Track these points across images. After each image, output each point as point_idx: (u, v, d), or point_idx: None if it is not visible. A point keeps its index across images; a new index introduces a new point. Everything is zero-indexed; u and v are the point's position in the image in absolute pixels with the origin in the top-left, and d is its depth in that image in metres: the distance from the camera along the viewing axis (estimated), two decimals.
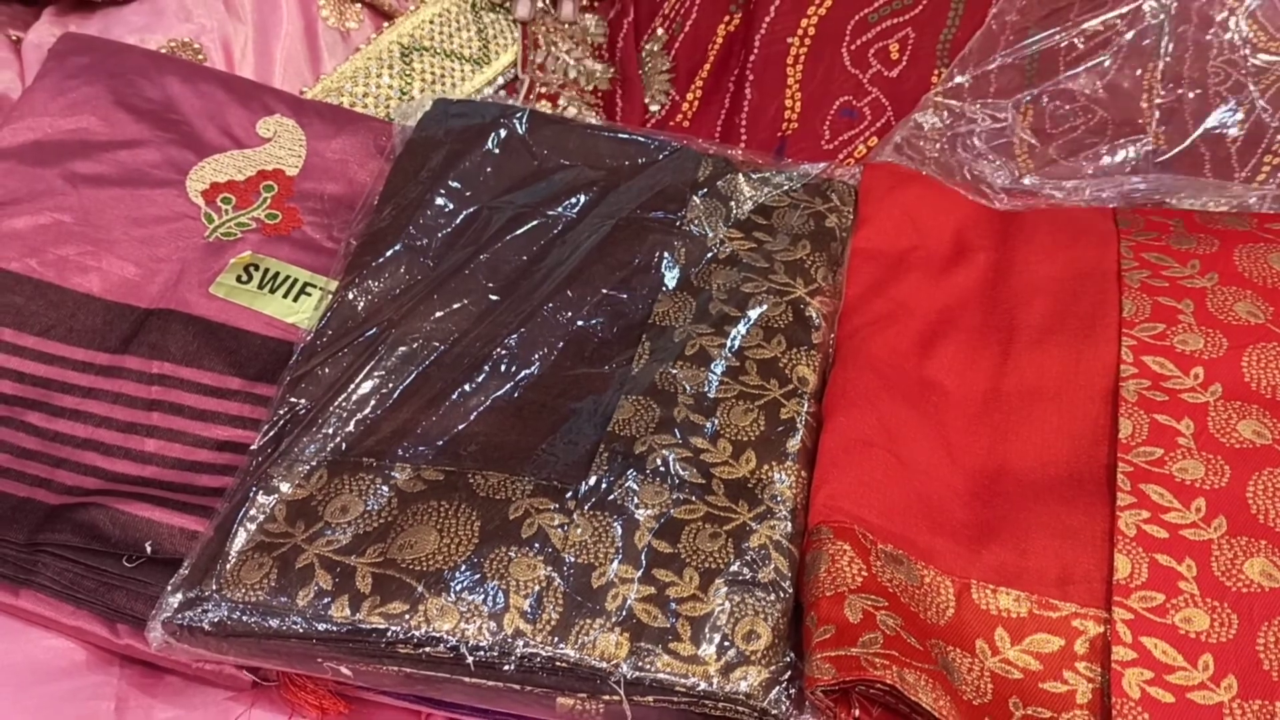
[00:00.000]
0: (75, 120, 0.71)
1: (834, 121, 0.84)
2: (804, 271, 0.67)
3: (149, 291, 0.67)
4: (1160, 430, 0.58)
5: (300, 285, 0.68)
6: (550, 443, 0.59)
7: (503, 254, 0.68)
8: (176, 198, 0.70)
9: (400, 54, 0.86)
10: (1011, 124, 0.87)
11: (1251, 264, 0.65)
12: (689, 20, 0.89)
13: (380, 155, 0.75)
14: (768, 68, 0.85)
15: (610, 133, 0.76)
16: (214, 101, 0.74)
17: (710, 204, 0.71)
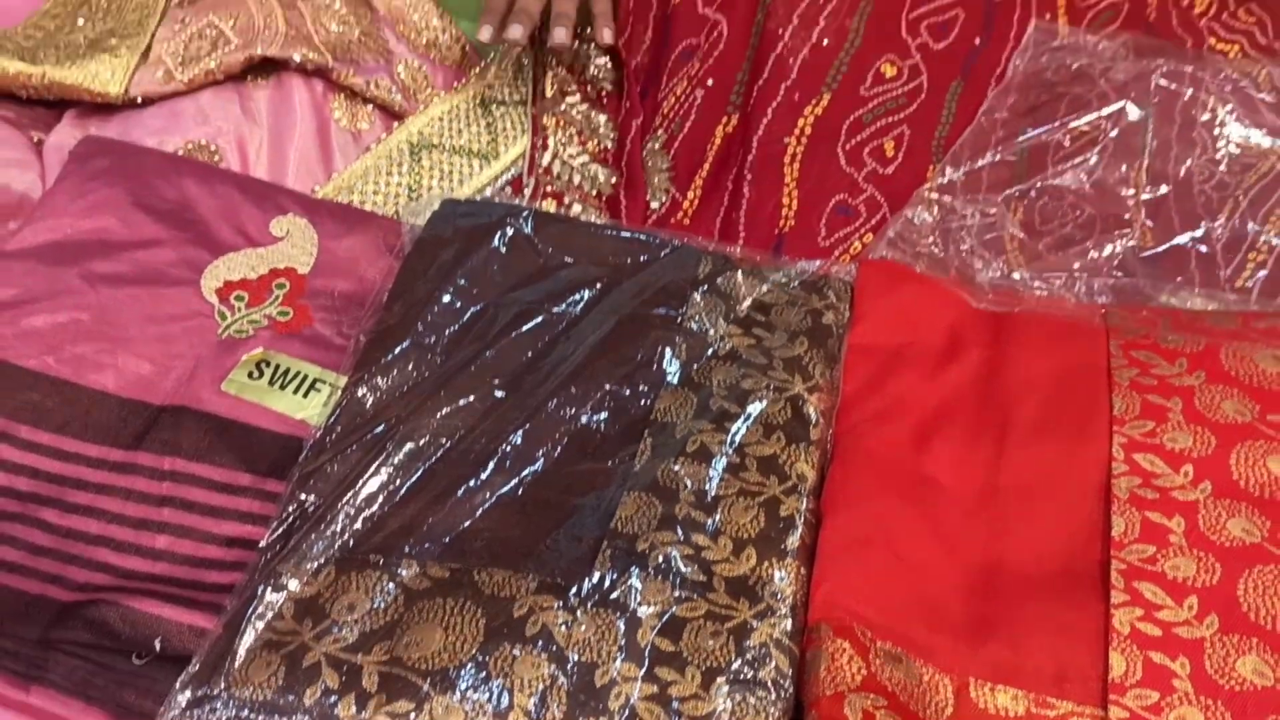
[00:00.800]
0: (95, 221, 0.73)
1: (830, 219, 0.86)
2: (802, 368, 0.69)
3: (163, 388, 0.68)
4: (1152, 528, 0.60)
5: (310, 381, 0.70)
6: (554, 539, 0.60)
7: (508, 350, 0.70)
8: (191, 296, 0.72)
9: (410, 152, 0.88)
10: (1002, 219, 0.89)
11: (1237, 362, 0.67)
12: (688, 121, 0.92)
13: (390, 253, 0.77)
14: (765, 167, 0.87)
15: (613, 231, 0.79)
16: (229, 202, 0.77)
17: (710, 301, 0.73)
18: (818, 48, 0.93)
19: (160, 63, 0.84)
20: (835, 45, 0.93)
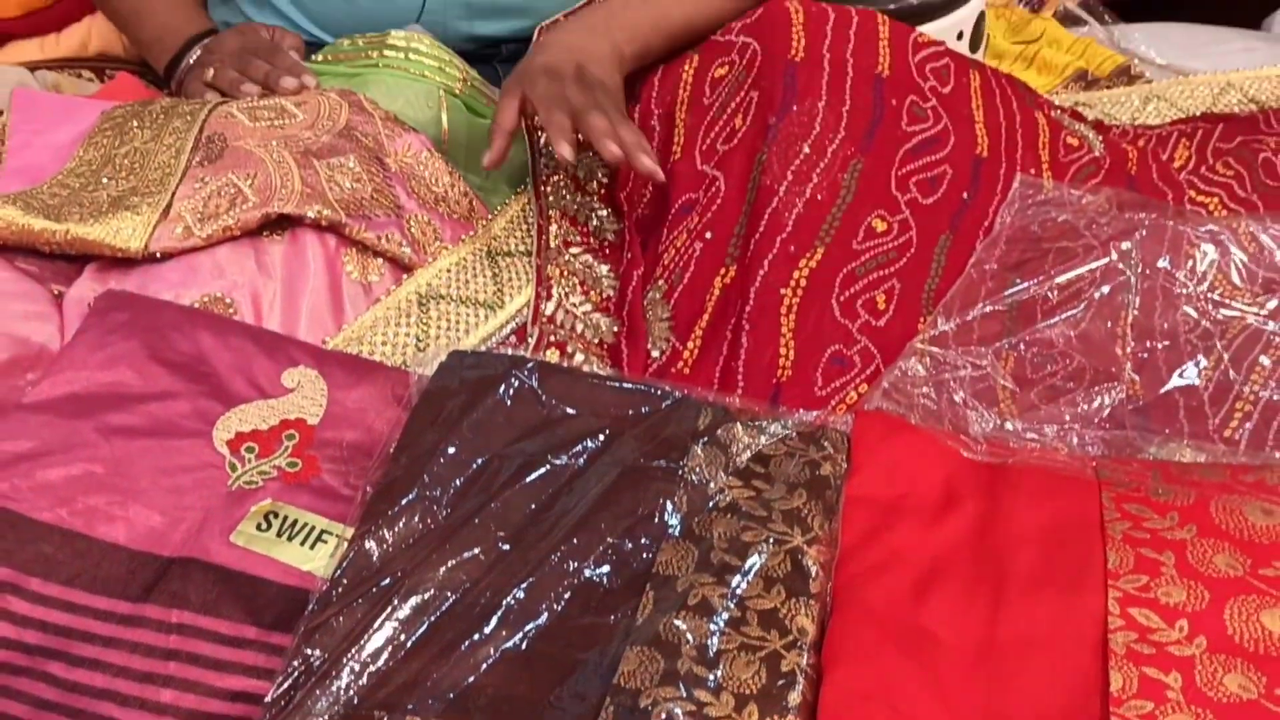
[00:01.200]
0: (112, 374, 0.76)
1: (826, 369, 0.88)
2: (801, 520, 0.70)
3: (172, 540, 0.69)
4: (1150, 684, 0.60)
5: (318, 533, 0.71)
6: (558, 696, 0.61)
7: (512, 503, 0.71)
8: (203, 448, 0.74)
9: (418, 303, 0.91)
10: (993, 370, 0.92)
11: (1227, 516, 0.68)
12: (688, 272, 0.95)
13: (398, 404, 0.79)
14: (762, 318, 0.90)
15: (615, 382, 0.81)
16: (243, 354, 0.79)
17: (710, 453, 0.75)
18: (812, 202, 0.97)
19: (180, 219, 0.87)
20: (828, 200, 0.97)
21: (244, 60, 1.07)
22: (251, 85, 1.04)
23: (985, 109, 1.11)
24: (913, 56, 1.10)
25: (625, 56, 1.05)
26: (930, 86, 1.09)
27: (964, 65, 1.14)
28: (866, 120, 1.02)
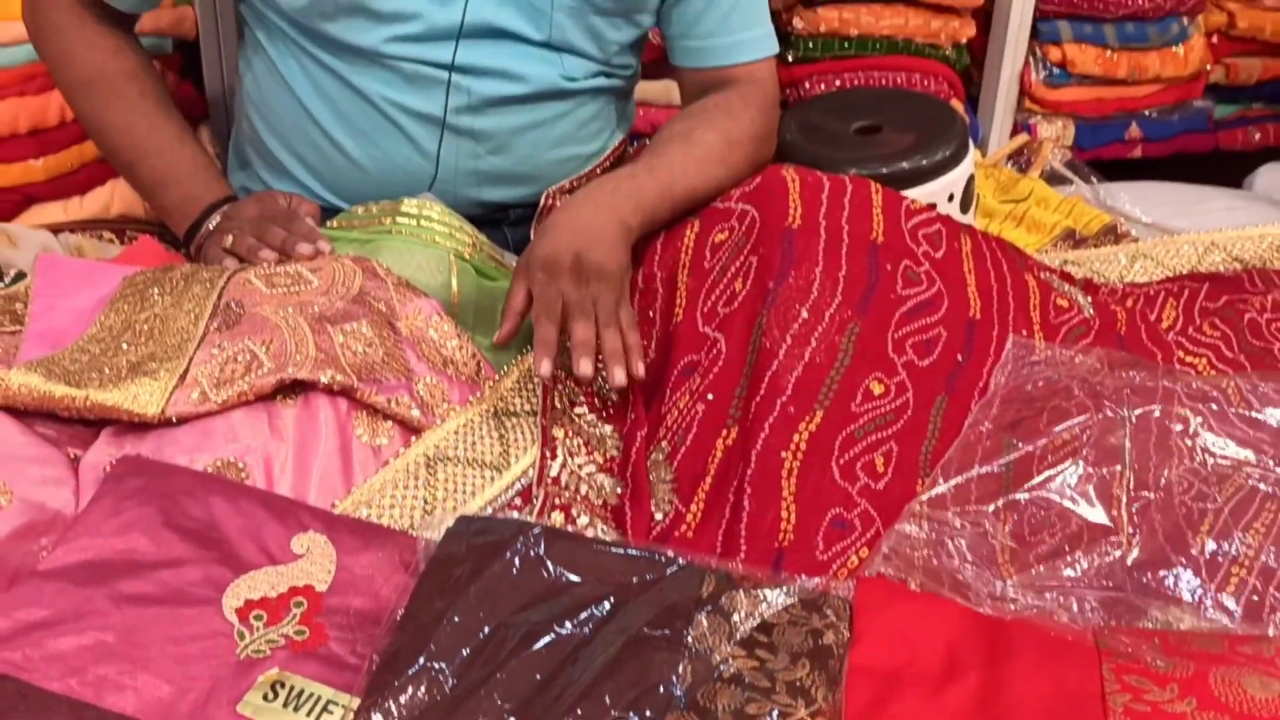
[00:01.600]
0: (126, 540, 0.77)
1: (827, 533, 0.90)
2: (804, 692, 0.71)
3: (180, 710, 0.70)
4: None
5: (324, 703, 0.71)
6: None
7: (519, 673, 0.72)
8: (213, 615, 0.75)
9: (426, 465, 0.93)
10: (992, 531, 0.93)
11: (1227, 689, 0.69)
12: (690, 434, 0.97)
13: (405, 570, 0.80)
14: (763, 481, 0.92)
15: (619, 548, 0.82)
16: (254, 520, 0.80)
17: (714, 621, 0.76)
18: (811, 365, 0.99)
19: (196, 384, 0.90)
20: (826, 363, 1.00)
21: (262, 227, 1.11)
22: (269, 252, 1.08)
23: (977, 272, 1.15)
24: (905, 223, 1.15)
25: (632, 228, 1.10)
26: (923, 251, 1.13)
27: (955, 230, 1.19)
28: (862, 285, 1.06)
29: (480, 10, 1.19)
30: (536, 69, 1.24)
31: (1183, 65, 2.06)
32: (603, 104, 1.33)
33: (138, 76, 1.20)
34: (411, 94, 1.21)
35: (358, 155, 1.25)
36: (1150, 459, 0.98)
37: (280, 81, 1.24)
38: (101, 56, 1.19)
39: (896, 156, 1.39)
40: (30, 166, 1.41)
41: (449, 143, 1.24)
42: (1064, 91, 2.04)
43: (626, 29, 1.28)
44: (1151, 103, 2.09)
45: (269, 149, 1.29)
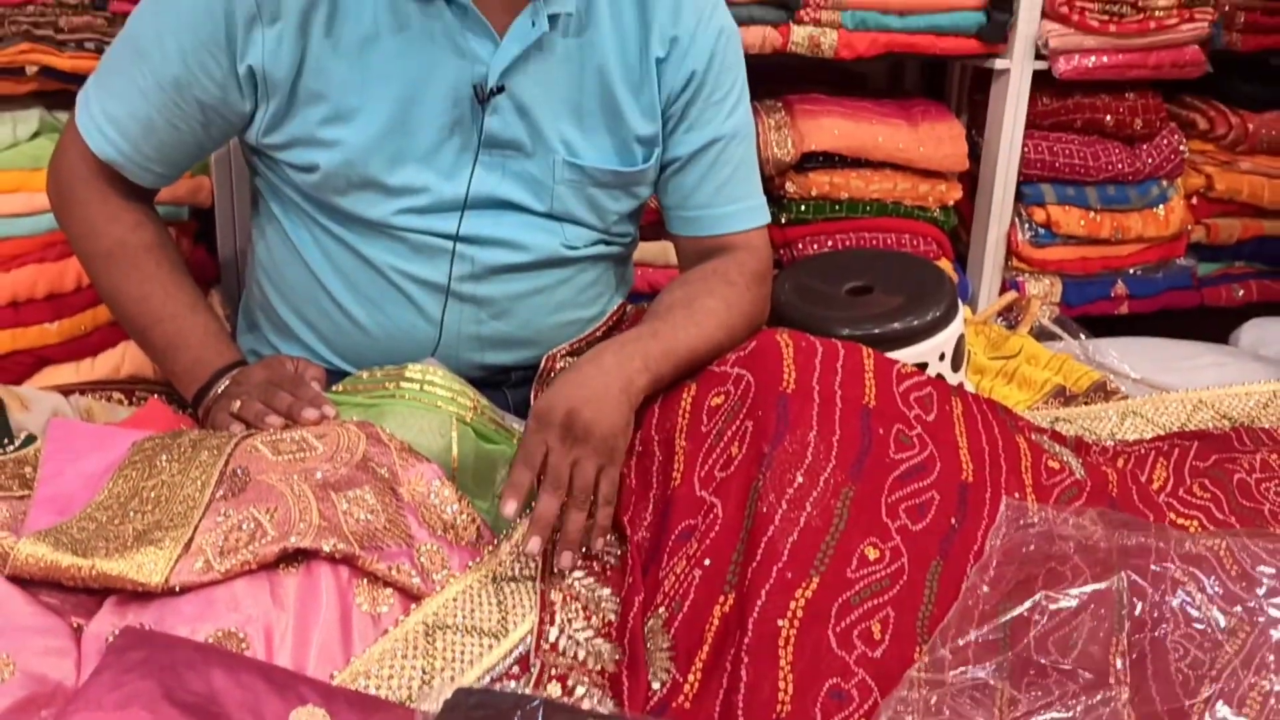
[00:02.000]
0: (126, 714, 0.77)
1: (825, 704, 0.90)
2: None
3: None
4: None
5: None
6: None
7: None
8: None
9: (424, 634, 0.94)
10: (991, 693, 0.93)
11: None
12: (687, 600, 0.98)
13: None
14: (761, 651, 0.92)
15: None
16: (253, 692, 0.80)
17: None
18: (806, 530, 1.01)
19: (201, 553, 0.91)
20: (822, 528, 1.01)
21: (269, 392, 1.14)
22: (275, 417, 1.10)
23: (968, 435, 1.17)
24: (897, 386, 1.18)
25: (637, 389, 1.13)
26: (915, 415, 1.15)
27: (946, 393, 1.21)
28: (856, 449, 1.08)
29: (485, 183, 1.25)
30: (538, 238, 1.29)
31: (1164, 226, 2.13)
32: (602, 270, 1.37)
33: (155, 248, 1.24)
34: (418, 263, 1.26)
35: (364, 321, 1.28)
36: (1146, 623, 0.99)
37: (292, 250, 1.28)
38: (122, 230, 1.23)
39: (888, 317, 1.43)
40: (45, 330, 1.45)
41: (453, 308, 1.28)
42: (1050, 251, 2.10)
43: (625, 200, 1.33)
44: (1136, 261, 2.15)
45: (278, 313, 1.33)
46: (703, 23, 1.29)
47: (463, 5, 1.18)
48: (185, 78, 1.17)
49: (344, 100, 1.19)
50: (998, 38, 1.97)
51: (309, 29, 1.17)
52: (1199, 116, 2.20)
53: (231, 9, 1.15)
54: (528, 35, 1.21)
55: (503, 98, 1.22)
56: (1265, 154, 2.19)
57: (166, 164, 1.24)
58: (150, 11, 1.20)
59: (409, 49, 1.19)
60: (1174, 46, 2.06)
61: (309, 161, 1.21)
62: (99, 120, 1.21)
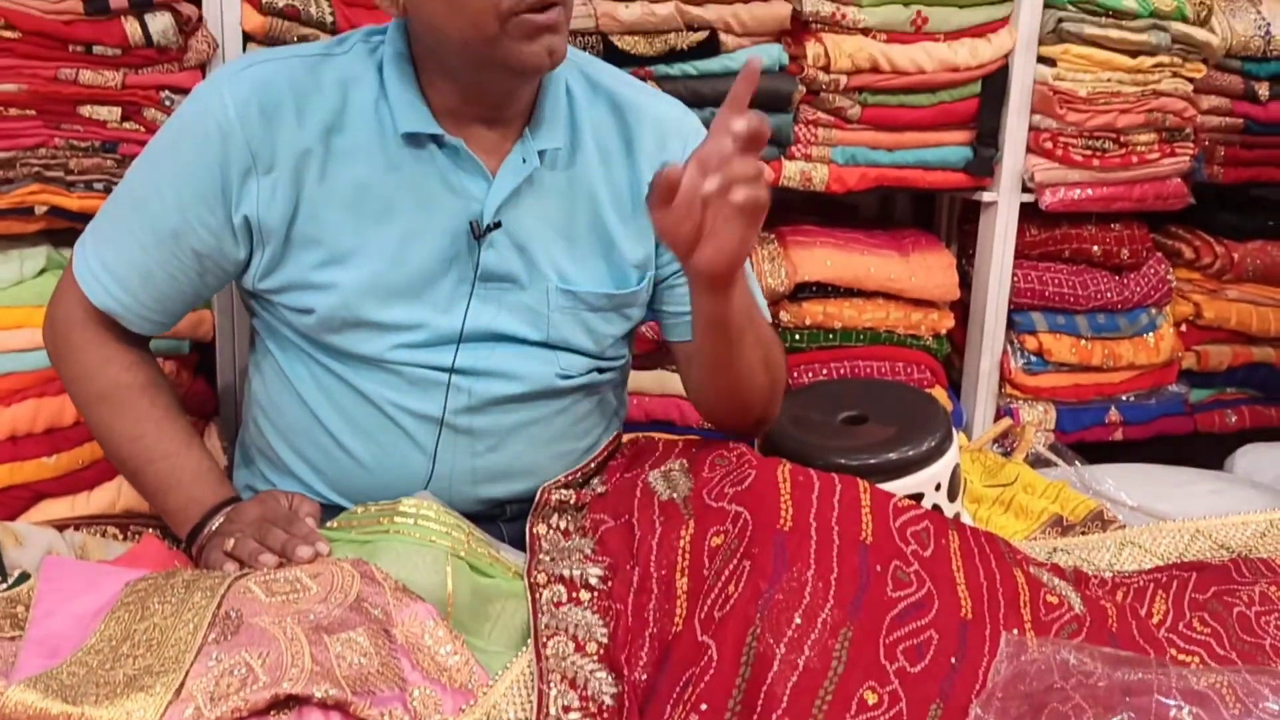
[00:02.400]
0: None
1: None
2: None
3: None
4: None
5: None
6: None
7: None
8: None
9: None
10: None
11: None
12: None
13: None
14: None
15: None
16: None
17: None
18: (806, 673, 0.99)
19: (191, 699, 0.90)
20: (820, 670, 1.00)
21: (263, 529, 1.14)
22: (269, 556, 1.10)
23: (966, 570, 1.17)
24: (893, 521, 1.18)
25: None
26: (912, 550, 1.15)
27: (943, 526, 1.21)
28: (854, 587, 1.08)
29: (481, 316, 1.27)
30: (534, 368, 1.30)
31: (1155, 353, 2.15)
32: (597, 401, 1.39)
33: (149, 387, 1.25)
34: (414, 396, 1.27)
35: (361, 455, 1.29)
36: None
37: (288, 386, 1.30)
38: (116, 371, 1.25)
39: (883, 447, 1.44)
40: (43, 464, 1.45)
41: (447, 441, 1.29)
42: (1042, 378, 2.12)
43: (618, 322, 1.35)
44: (1128, 388, 2.17)
45: (274, 449, 1.34)
46: (688, 147, 1.32)
47: (454, 146, 1.22)
48: (182, 228, 1.20)
49: (338, 244, 1.22)
50: (984, 172, 2.02)
51: (303, 177, 1.20)
52: (1185, 246, 2.24)
53: (227, 161, 1.18)
54: (519, 172, 1.24)
55: (498, 233, 1.24)
56: (1252, 282, 2.22)
57: (164, 312, 1.26)
58: (148, 164, 1.23)
59: (403, 191, 1.22)
60: (1157, 179, 2.11)
61: (305, 305, 1.23)
62: (96, 270, 1.23)
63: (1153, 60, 2.01)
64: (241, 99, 1.19)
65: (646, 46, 1.74)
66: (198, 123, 1.21)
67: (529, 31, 1.13)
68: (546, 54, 1.15)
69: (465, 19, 1.13)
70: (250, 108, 1.19)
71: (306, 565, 1.08)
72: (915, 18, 1.90)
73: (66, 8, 1.46)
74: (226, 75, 1.24)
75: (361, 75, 1.23)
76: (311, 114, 1.21)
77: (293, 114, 1.20)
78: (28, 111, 1.50)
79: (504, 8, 1.12)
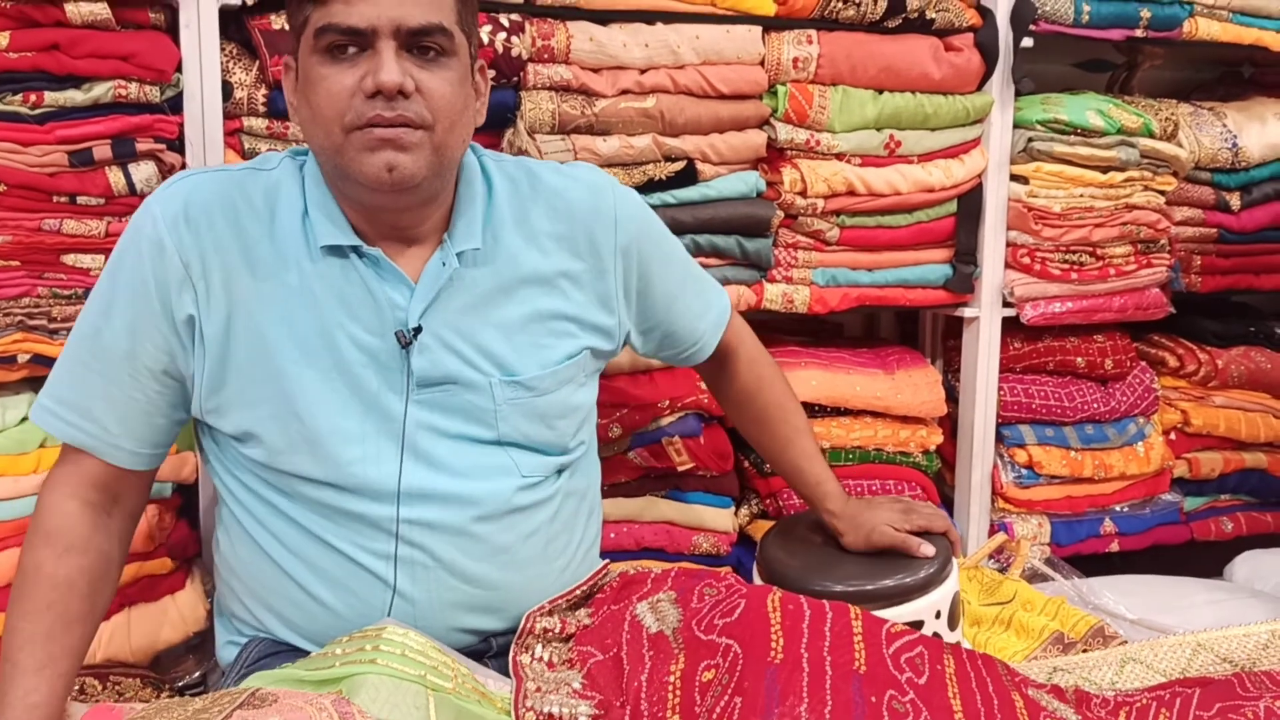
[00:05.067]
0: None
1: None
2: None
3: None
4: None
5: None
6: None
7: None
8: None
9: None
10: None
11: None
12: None
13: None
14: None
15: None
16: None
17: None
18: None
19: None
20: None
21: None
22: None
23: (963, 696, 1.14)
24: (887, 649, 1.16)
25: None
26: (907, 679, 1.13)
27: (938, 651, 1.19)
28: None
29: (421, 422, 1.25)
30: (490, 483, 1.27)
31: (1146, 463, 2.14)
32: (566, 520, 1.35)
33: (61, 587, 1.21)
34: (369, 533, 1.25)
35: (328, 600, 1.26)
36: None
37: (251, 542, 1.28)
38: (53, 554, 1.21)
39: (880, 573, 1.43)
40: None
41: (412, 575, 1.26)
42: (1035, 491, 2.10)
43: (569, 401, 1.34)
44: (1121, 498, 2.15)
45: (245, 605, 1.31)
46: (617, 213, 1.36)
47: (374, 257, 1.23)
48: (134, 349, 1.22)
49: (272, 359, 1.22)
50: (965, 289, 2.04)
51: (234, 287, 1.22)
52: (1168, 354, 2.25)
53: (163, 273, 1.21)
54: (439, 276, 1.25)
55: (428, 338, 1.25)
56: (1237, 388, 2.23)
57: (136, 439, 1.25)
58: (95, 297, 1.26)
59: (332, 302, 1.23)
60: (1136, 290, 2.13)
61: (246, 428, 1.23)
62: (51, 406, 1.24)
63: (1123, 175, 2.06)
64: (171, 213, 1.22)
65: (625, 178, 1.77)
66: (132, 245, 1.23)
67: (368, 144, 1.16)
68: (385, 169, 1.17)
69: (321, 128, 1.18)
70: (179, 220, 1.21)
71: (284, 707, 1.05)
72: (888, 141, 1.94)
73: (51, 161, 1.49)
74: (156, 194, 1.26)
75: (288, 190, 1.25)
76: (241, 224, 1.23)
77: (222, 223, 1.23)
78: (11, 262, 1.51)
79: (346, 121, 1.16)
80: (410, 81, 1.16)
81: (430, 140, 1.18)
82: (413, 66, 1.17)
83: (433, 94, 1.17)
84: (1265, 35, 2.16)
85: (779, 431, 1.58)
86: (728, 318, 1.53)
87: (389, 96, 1.15)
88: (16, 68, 1.47)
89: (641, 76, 1.79)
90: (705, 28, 1.81)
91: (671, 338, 1.47)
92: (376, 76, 1.14)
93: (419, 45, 1.17)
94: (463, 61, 1.22)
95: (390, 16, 1.15)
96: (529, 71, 1.73)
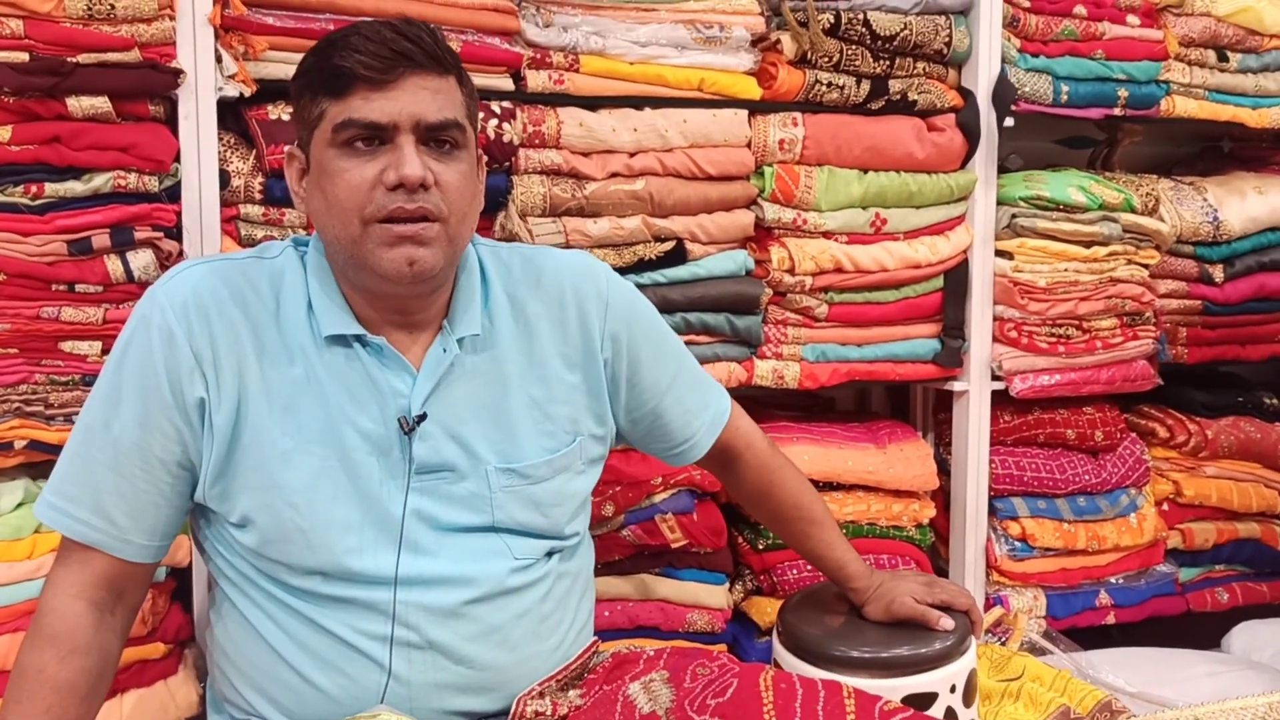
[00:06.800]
0: None
1: None
2: None
3: None
4: None
5: None
6: None
7: None
8: None
9: None
10: None
11: None
12: None
13: None
14: None
15: None
16: None
17: None
18: None
19: None
20: None
21: None
22: None
23: None
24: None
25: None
26: None
27: None
28: None
29: (420, 509, 1.25)
30: (485, 565, 1.28)
31: (1139, 534, 2.14)
32: (558, 600, 1.35)
33: (62, 691, 1.21)
34: (365, 616, 1.24)
35: (323, 684, 1.25)
36: None
37: (247, 627, 1.28)
38: (57, 656, 1.21)
39: (898, 642, 1.42)
40: None
41: (407, 658, 1.25)
42: (1029, 564, 2.10)
43: (565, 488, 1.34)
44: (1116, 570, 2.15)
45: (239, 692, 1.30)
46: (605, 295, 1.37)
47: (378, 345, 1.25)
48: (145, 441, 1.22)
49: (275, 445, 1.23)
50: (953, 363, 2.06)
51: (244, 375, 1.23)
52: (1158, 425, 2.26)
53: (174, 365, 1.21)
54: (441, 362, 1.27)
55: (430, 425, 1.26)
56: (1228, 458, 2.23)
57: (147, 533, 1.25)
58: (101, 390, 1.26)
59: (336, 389, 1.25)
60: (1123, 362, 2.15)
61: (247, 514, 1.23)
62: (57, 504, 1.23)
63: (1106, 250, 2.09)
64: (179, 302, 1.23)
65: (616, 259, 1.80)
66: (140, 335, 1.23)
67: (387, 239, 1.19)
68: (406, 263, 1.19)
69: (338, 219, 1.20)
70: (189, 309, 1.22)
71: None
72: (874, 219, 1.98)
73: (51, 250, 1.51)
74: (160, 284, 1.27)
75: (292, 279, 1.27)
76: (249, 312, 1.25)
77: (232, 311, 1.24)
78: (10, 350, 1.53)
79: (366, 213, 1.19)
80: (430, 175, 1.19)
81: (446, 232, 1.21)
82: (430, 159, 1.20)
83: (448, 186, 1.21)
84: (1241, 112, 2.21)
85: (795, 528, 1.58)
86: (726, 419, 1.51)
87: (410, 189, 1.18)
88: (18, 160, 1.50)
89: (630, 160, 1.83)
90: (692, 112, 1.86)
91: (661, 430, 1.46)
92: (400, 170, 1.17)
93: (435, 139, 1.21)
94: (471, 153, 1.26)
95: (410, 112, 1.18)
96: (520, 156, 1.76)
